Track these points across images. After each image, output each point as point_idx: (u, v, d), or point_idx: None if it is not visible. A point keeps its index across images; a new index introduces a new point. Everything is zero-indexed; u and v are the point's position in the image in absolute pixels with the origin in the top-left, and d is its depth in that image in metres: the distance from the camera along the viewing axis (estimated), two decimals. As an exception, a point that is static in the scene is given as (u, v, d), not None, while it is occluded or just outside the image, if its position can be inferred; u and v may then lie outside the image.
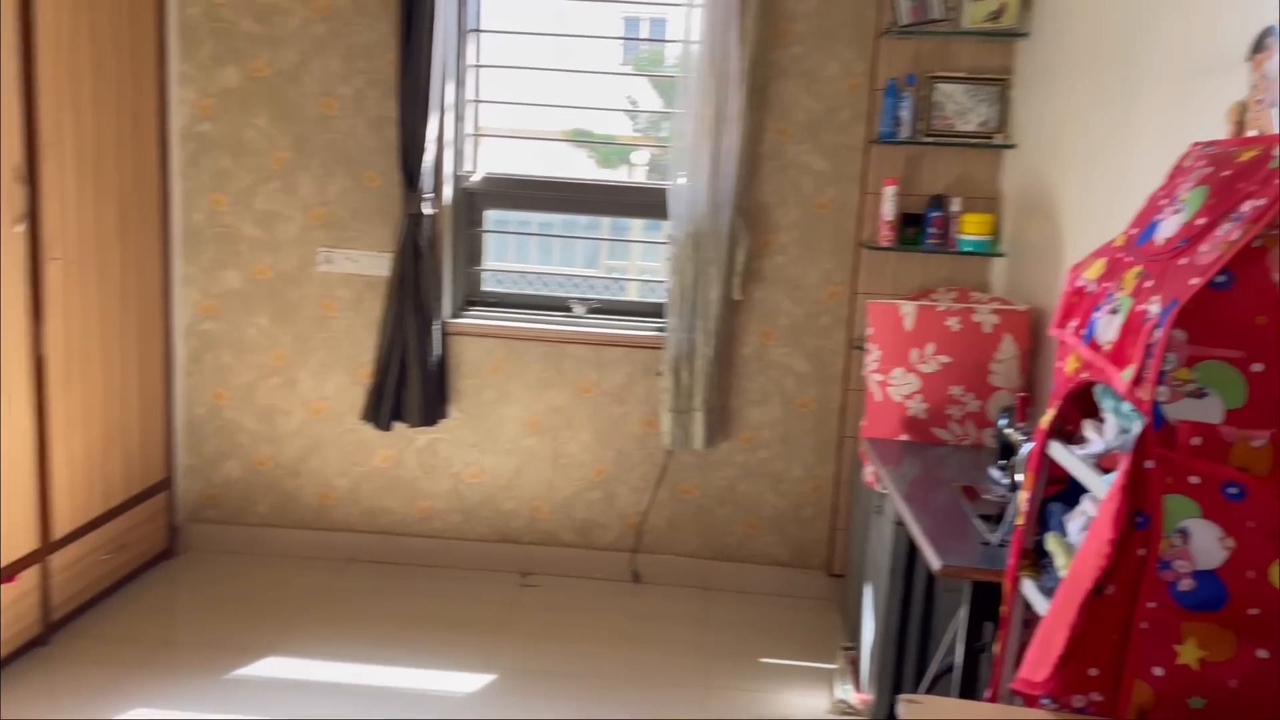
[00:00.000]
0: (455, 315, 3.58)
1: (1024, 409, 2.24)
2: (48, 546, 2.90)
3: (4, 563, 2.71)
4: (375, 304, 3.52)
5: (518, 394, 3.59)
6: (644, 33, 4.02)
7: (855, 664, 3.01)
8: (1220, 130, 1.88)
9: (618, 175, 3.85)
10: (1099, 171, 2.49)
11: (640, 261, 3.97)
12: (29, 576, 2.82)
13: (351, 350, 3.58)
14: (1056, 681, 1.27)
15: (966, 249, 3.22)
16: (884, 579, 2.65)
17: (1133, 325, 1.30)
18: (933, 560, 1.84)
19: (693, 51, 3.26)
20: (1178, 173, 1.50)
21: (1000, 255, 3.25)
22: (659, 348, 3.47)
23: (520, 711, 2.76)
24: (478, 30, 3.50)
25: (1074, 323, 1.53)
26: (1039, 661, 1.30)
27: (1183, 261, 1.27)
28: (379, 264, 3.49)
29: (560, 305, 3.66)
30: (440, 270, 3.48)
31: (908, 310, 2.78)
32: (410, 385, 3.45)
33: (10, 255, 2.68)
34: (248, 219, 3.54)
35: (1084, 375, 1.46)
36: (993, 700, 1.64)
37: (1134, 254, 1.42)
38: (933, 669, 2.34)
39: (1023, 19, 3.13)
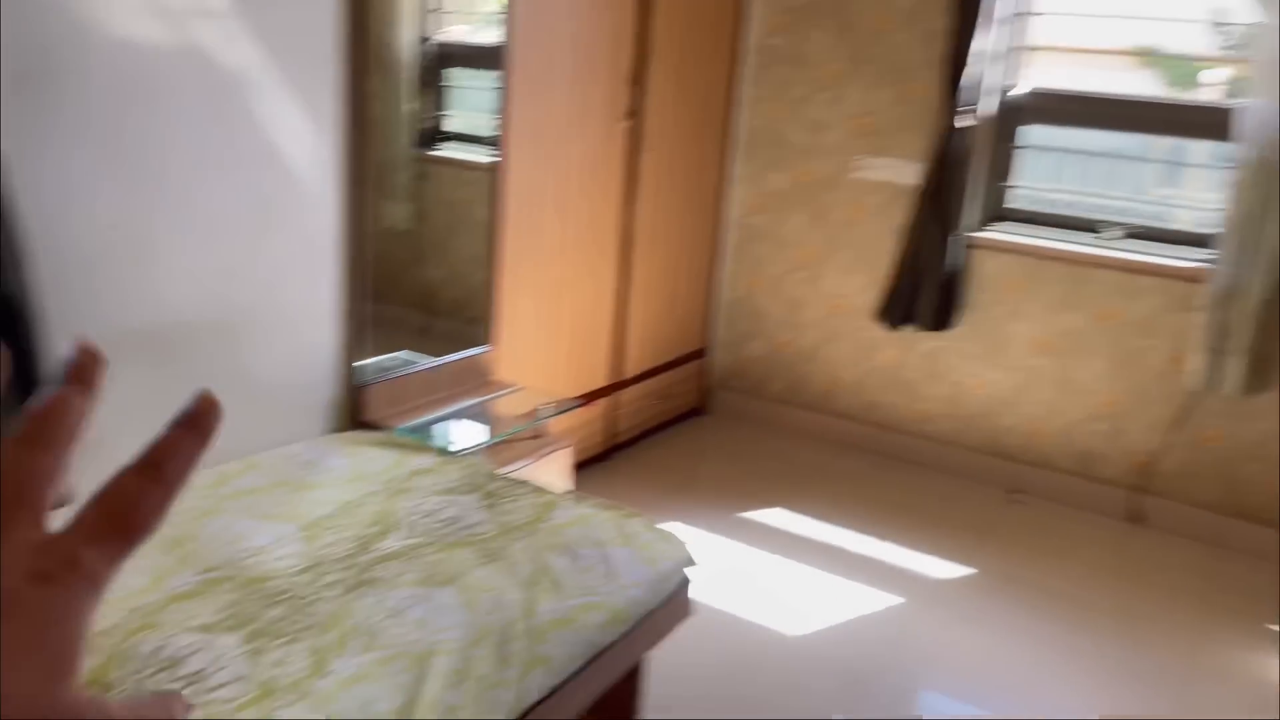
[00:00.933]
0: (978, 229, 3.65)
1: None
2: (617, 384, 3.60)
3: (588, 389, 3.44)
4: (899, 211, 3.71)
5: (1031, 313, 3.58)
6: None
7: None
8: None
9: (1184, 95, 3.56)
10: None
11: (1189, 190, 3.66)
12: (602, 404, 3.54)
13: (873, 254, 3.83)
14: None
15: None
16: None
17: None
18: None
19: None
20: None
21: None
22: (1200, 280, 3.23)
23: (1000, 608, 2.88)
24: (1043, -61, 3.44)
25: None
26: None
27: None
28: (908, 173, 3.67)
29: (1088, 227, 3.54)
30: (967, 183, 3.55)
31: None
32: (924, 292, 3.61)
33: (615, 146, 3.32)
34: (799, 126, 3.91)
35: None
36: None
37: None
38: None
39: None
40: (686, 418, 4.11)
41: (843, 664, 2.57)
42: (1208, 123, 3.28)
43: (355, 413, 2.47)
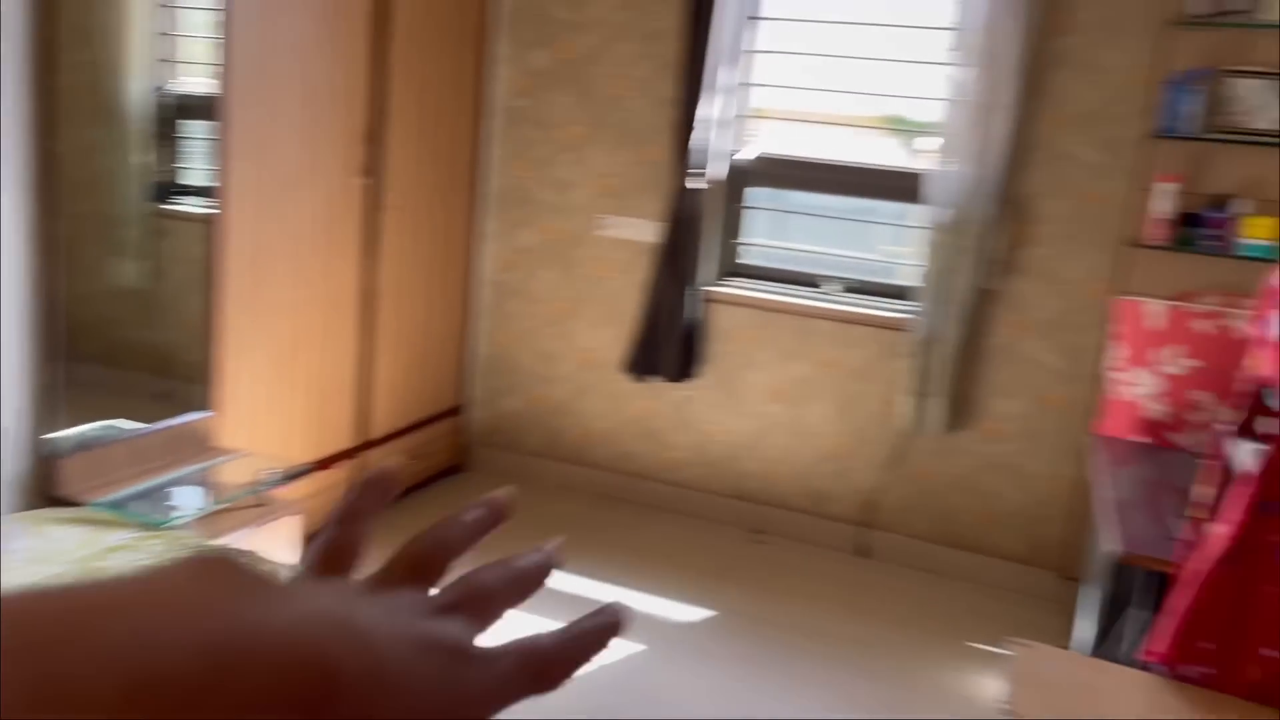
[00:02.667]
0: (714, 284, 3.86)
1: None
2: (364, 444, 3.53)
3: (330, 451, 3.34)
4: (642, 268, 3.87)
5: (765, 362, 3.81)
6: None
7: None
8: None
9: (891, 161, 3.90)
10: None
11: (901, 247, 4.03)
12: (347, 466, 3.45)
13: (620, 309, 3.96)
14: (1171, 651, 1.32)
15: (1247, 253, 3.02)
16: (1100, 580, 2.62)
17: (1297, 319, 1.31)
18: (1108, 542, 1.87)
19: (968, 37, 3.29)
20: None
21: (1289, 262, 3.02)
22: (904, 329, 3.55)
23: (738, 646, 3.01)
24: (758, 18, 3.72)
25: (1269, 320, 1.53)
26: (1162, 632, 1.36)
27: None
28: (649, 231, 3.84)
29: (811, 281, 3.83)
30: (702, 241, 3.76)
31: (1157, 310, 2.70)
32: (666, 344, 3.78)
33: (351, 203, 3.29)
34: (546, 185, 4.01)
35: (1259, 373, 1.47)
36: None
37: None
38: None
39: (1342, 7, 2.87)
40: (443, 476, 4.07)
41: (581, 713, 2.60)
42: (908, 187, 3.62)
43: (47, 488, 2.29)
